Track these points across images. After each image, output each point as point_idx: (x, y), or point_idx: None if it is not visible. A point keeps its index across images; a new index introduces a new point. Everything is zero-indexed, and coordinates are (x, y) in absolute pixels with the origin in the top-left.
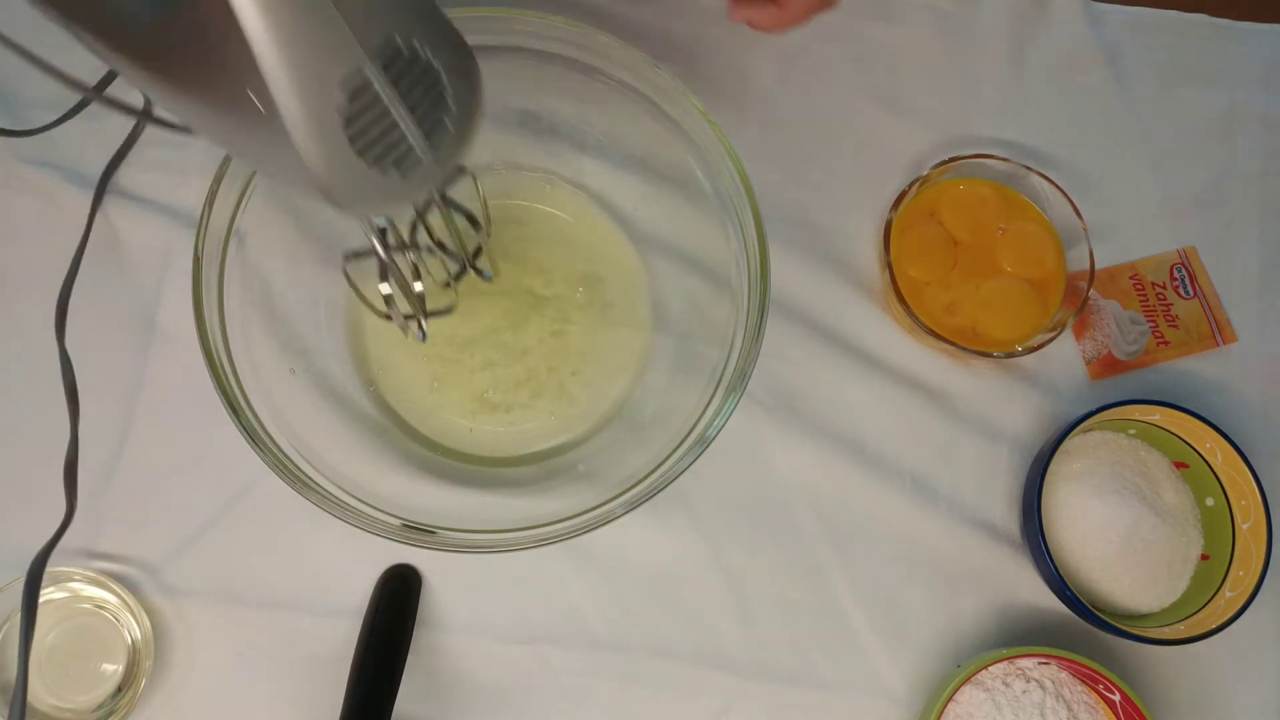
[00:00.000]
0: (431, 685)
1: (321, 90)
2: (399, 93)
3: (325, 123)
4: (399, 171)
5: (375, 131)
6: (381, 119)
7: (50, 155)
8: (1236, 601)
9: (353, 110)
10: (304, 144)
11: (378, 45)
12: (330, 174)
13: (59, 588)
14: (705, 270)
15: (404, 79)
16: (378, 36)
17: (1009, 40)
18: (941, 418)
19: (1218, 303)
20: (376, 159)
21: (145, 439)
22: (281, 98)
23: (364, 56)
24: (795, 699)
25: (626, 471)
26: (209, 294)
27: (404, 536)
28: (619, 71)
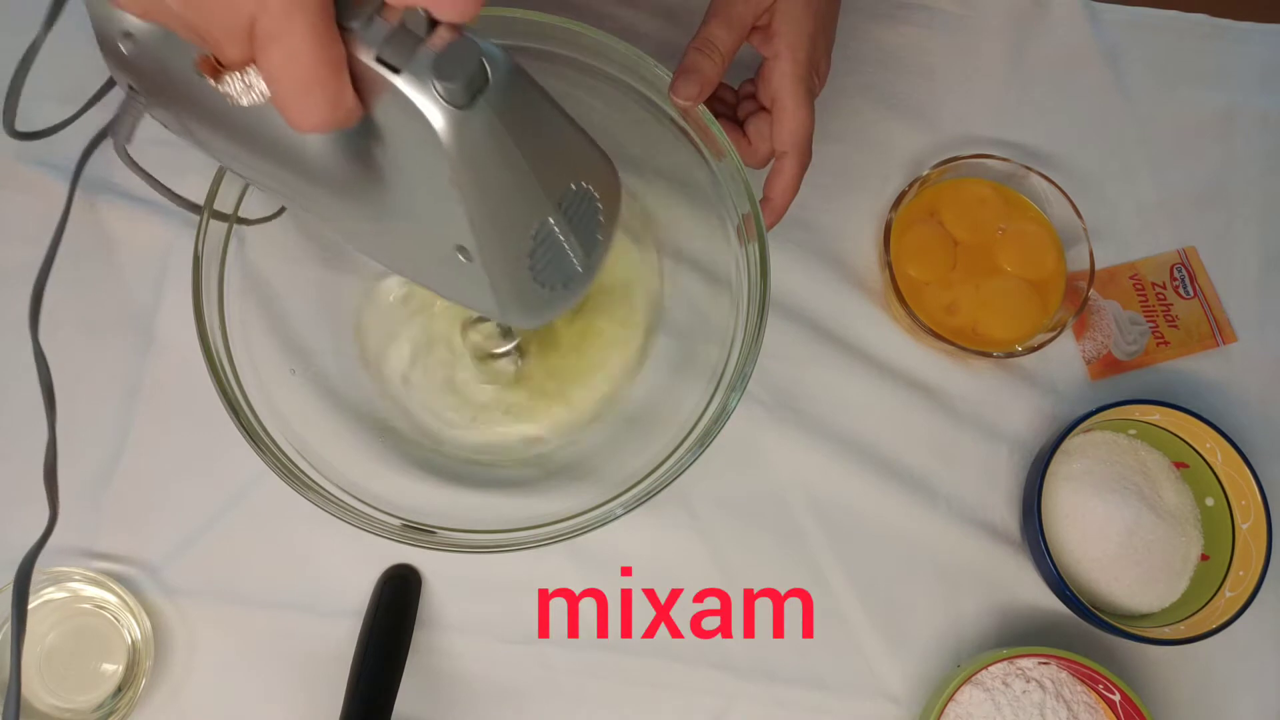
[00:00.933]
0: (431, 685)
1: (518, 241)
2: (570, 227)
3: (515, 264)
4: (564, 288)
5: (551, 261)
6: (556, 250)
7: (50, 155)
8: (1236, 601)
9: (536, 249)
10: (496, 282)
11: (558, 196)
12: (512, 301)
13: (59, 588)
14: (705, 270)
15: (573, 214)
16: (559, 189)
17: (1009, 40)
18: (941, 418)
19: (1218, 303)
20: (549, 282)
21: (145, 439)
22: (484, 251)
23: (550, 209)
24: (795, 699)
25: (626, 471)
26: (209, 294)
27: (404, 536)
28: (619, 71)
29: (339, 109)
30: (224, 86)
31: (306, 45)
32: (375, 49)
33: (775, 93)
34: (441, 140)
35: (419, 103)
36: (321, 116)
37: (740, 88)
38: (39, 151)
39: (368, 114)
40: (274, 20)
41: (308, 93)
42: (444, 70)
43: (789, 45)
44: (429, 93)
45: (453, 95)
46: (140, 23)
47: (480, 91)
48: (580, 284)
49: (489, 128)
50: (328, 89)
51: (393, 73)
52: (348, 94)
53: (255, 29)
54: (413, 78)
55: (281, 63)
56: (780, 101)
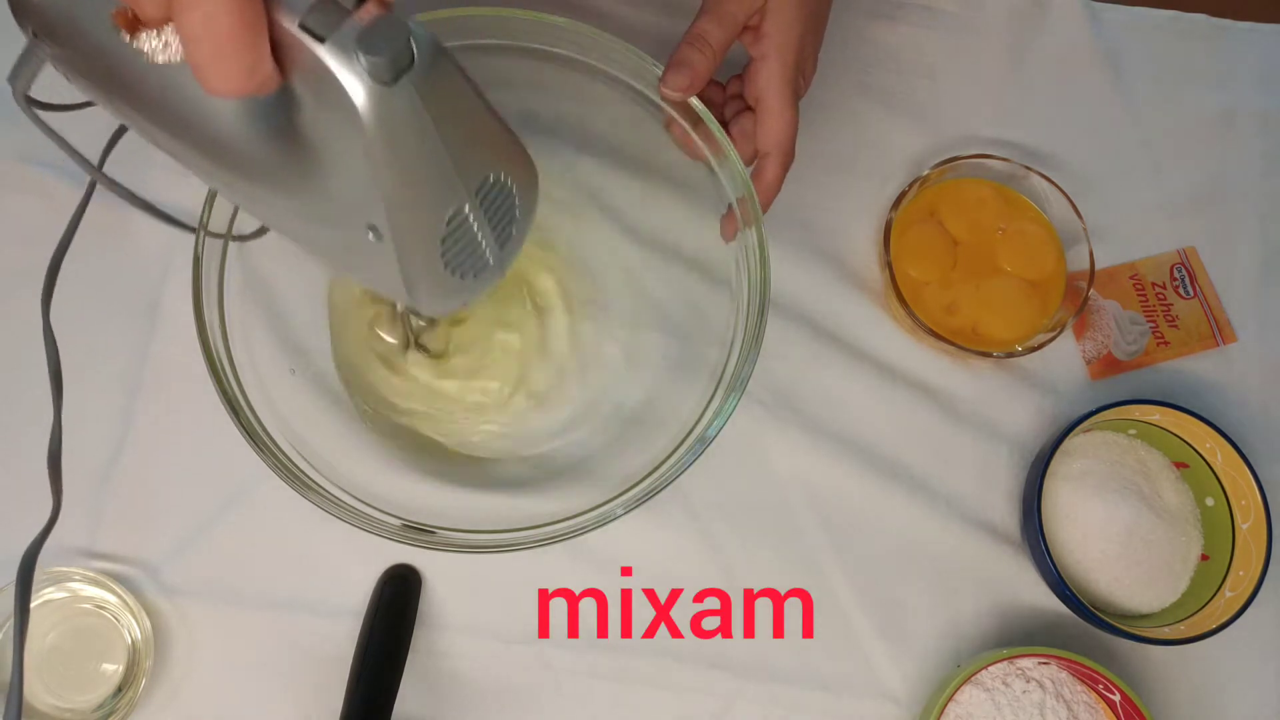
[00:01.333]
0: (431, 685)
1: (430, 225)
2: (486, 218)
3: (427, 248)
4: (475, 278)
5: (463, 250)
6: (470, 239)
7: (50, 155)
8: (1236, 601)
9: (448, 236)
10: (406, 265)
11: (475, 185)
12: (422, 287)
13: (59, 588)
14: (705, 270)
15: (489, 205)
16: (477, 178)
17: (1009, 40)
18: (941, 418)
19: (1218, 303)
20: (460, 270)
21: (145, 439)
22: (396, 232)
23: (466, 197)
24: (795, 699)
25: (626, 471)
26: (209, 294)
27: (404, 536)
28: (619, 71)
29: (255, 75)
30: (139, 43)
31: (226, 6)
32: (299, 16)
33: (761, 93)
34: (361, 115)
35: (340, 75)
36: (237, 81)
37: (727, 85)
38: (40, 152)
39: (285, 83)
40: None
41: (223, 55)
42: (370, 44)
43: (777, 47)
44: (352, 65)
45: (377, 70)
46: None
47: (405, 70)
48: (491, 276)
49: (410, 106)
50: (245, 53)
51: (316, 41)
52: (265, 60)
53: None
54: (336, 48)
55: (199, 22)
56: (766, 103)
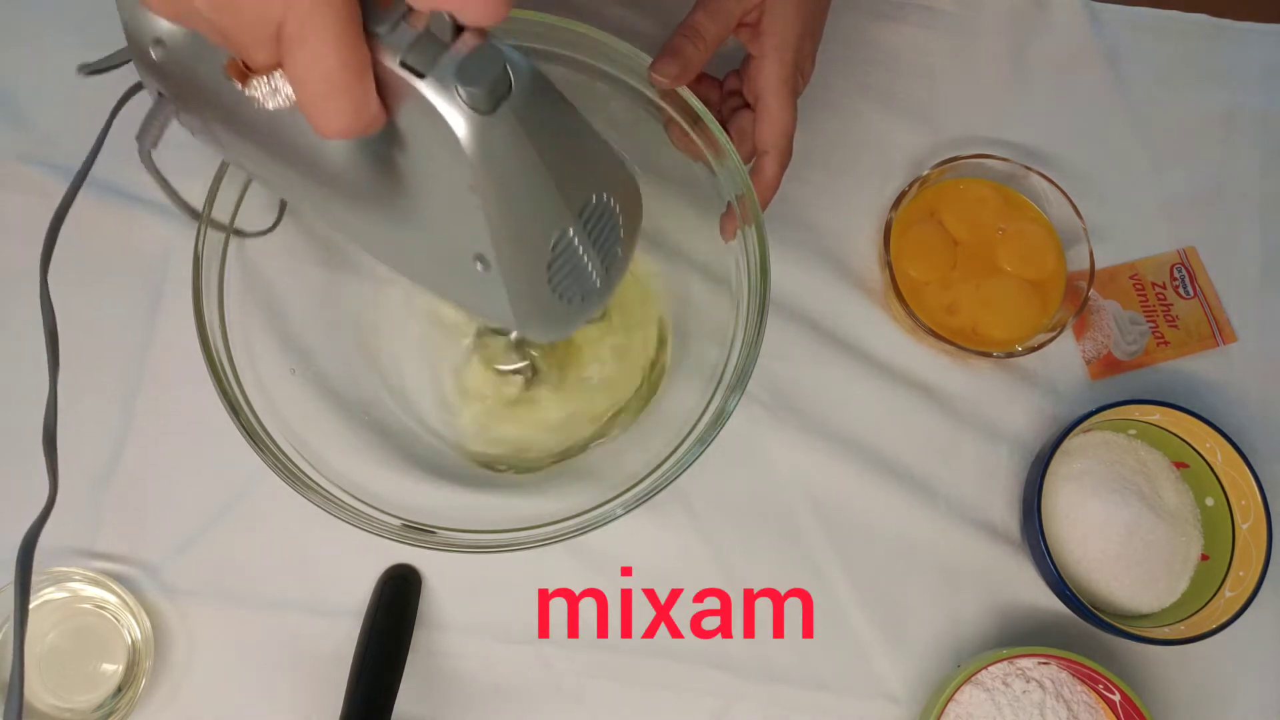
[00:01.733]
0: (431, 685)
1: (537, 252)
2: (590, 240)
3: (534, 275)
4: (582, 301)
5: (570, 274)
6: (576, 263)
7: (50, 155)
8: (1236, 601)
9: (554, 260)
10: (515, 294)
11: (579, 207)
12: (530, 313)
13: (59, 588)
14: (705, 270)
15: (593, 226)
16: (580, 200)
17: (1009, 40)
18: (941, 418)
19: (1218, 303)
20: (568, 296)
21: (145, 439)
22: (503, 261)
23: (571, 219)
24: (795, 699)
25: (626, 471)
26: (209, 294)
27: (404, 536)
28: (619, 71)
29: (363, 114)
30: (250, 90)
31: (331, 49)
32: (400, 54)
33: (760, 92)
34: (463, 146)
35: (441, 108)
36: (345, 121)
37: (724, 83)
38: (40, 152)
39: (391, 120)
40: (300, 24)
41: (332, 97)
42: (468, 75)
43: (776, 46)
44: (452, 98)
45: (476, 100)
46: (171, 28)
47: (504, 98)
48: (598, 298)
49: (512, 134)
50: (352, 94)
51: (417, 78)
52: (372, 99)
53: (282, 33)
54: (436, 83)
55: (307, 66)
56: (764, 101)
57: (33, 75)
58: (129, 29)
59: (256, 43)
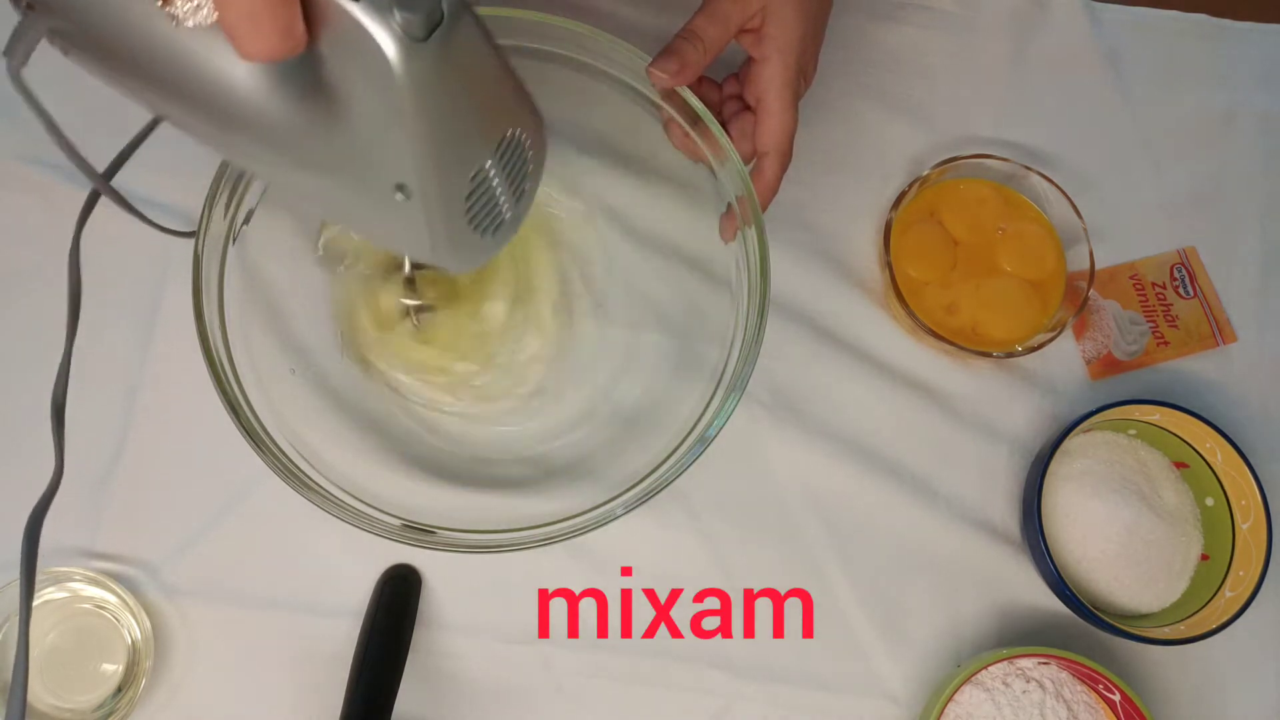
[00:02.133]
0: (431, 685)
1: (457, 182)
2: (505, 174)
3: (452, 206)
4: (494, 234)
5: (485, 206)
6: (490, 196)
7: (50, 155)
8: (1236, 601)
9: (473, 193)
10: (433, 223)
11: (496, 141)
12: (447, 244)
13: (59, 588)
14: (705, 270)
15: (508, 161)
16: (497, 134)
17: (1009, 40)
18: (941, 418)
19: (1218, 303)
20: (481, 227)
21: (145, 439)
22: (424, 190)
23: (489, 153)
24: (795, 699)
25: (626, 471)
26: (209, 294)
27: (404, 536)
28: (619, 71)
29: (290, 36)
30: (169, 7)
31: None
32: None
33: (761, 94)
34: (395, 72)
35: (375, 32)
36: (271, 43)
37: (724, 85)
38: (40, 152)
39: (313, 46)
40: None
41: (259, 16)
42: (405, 1)
43: (779, 49)
44: (387, 23)
45: (411, 26)
46: None
47: (436, 25)
48: (507, 232)
49: (441, 63)
50: (279, 12)
51: (351, 1)
52: (299, 20)
53: None
54: (370, 7)
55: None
56: (766, 103)
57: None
58: None
59: None
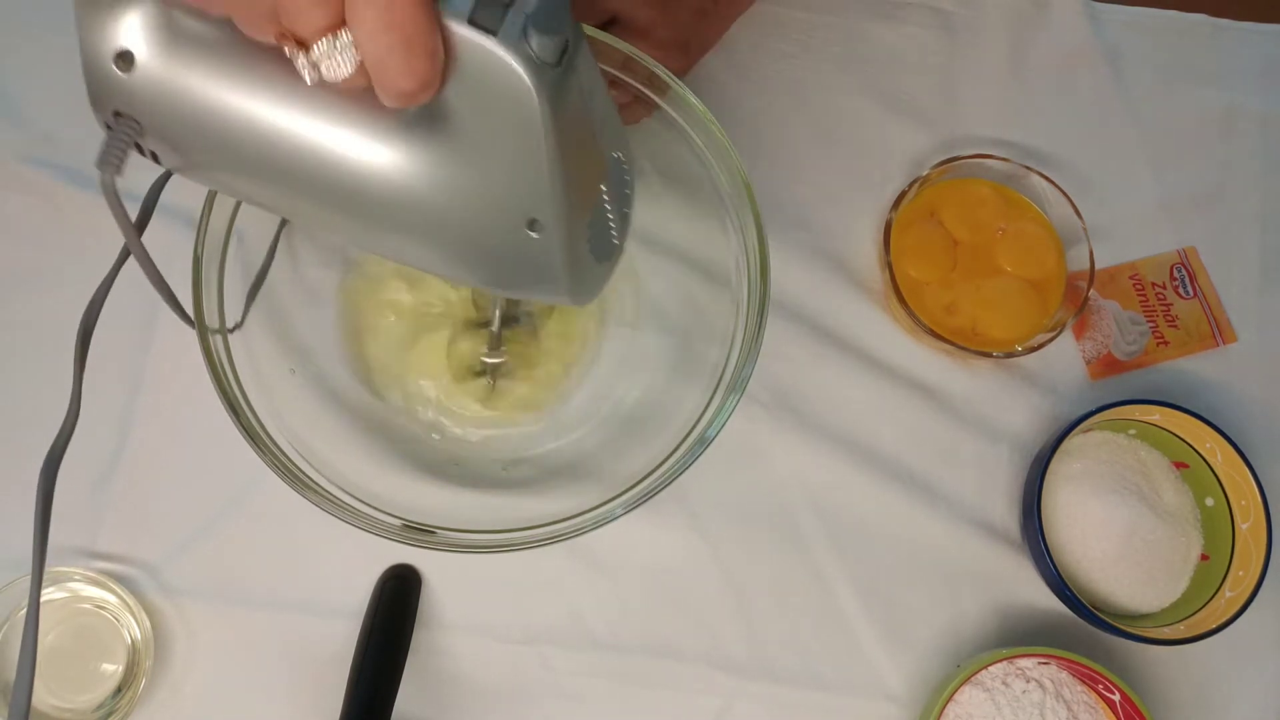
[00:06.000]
0: (431, 685)
1: (585, 208)
2: (613, 198)
3: (580, 234)
4: (609, 261)
5: (600, 232)
6: (604, 221)
7: (50, 155)
8: (1236, 601)
9: (593, 219)
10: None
11: (609, 164)
12: (577, 277)
13: (59, 588)
14: (705, 270)
15: (615, 183)
16: (610, 157)
17: (1009, 40)
18: (941, 418)
19: (1218, 303)
20: (600, 255)
21: (145, 439)
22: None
23: (606, 175)
24: (795, 699)
25: (626, 471)
26: (209, 294)
27: (404, 536)
28: (618, 71)
29: (435, 67)
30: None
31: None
32: (466, 13)
33: None
34: (534, 98)
35: (515, 63)
36: (420, 75)
37: None
38: (40, 152)
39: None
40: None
41: (408, 47)
42: (540, 27)
43: None
44: (524, 52)
45: (546, 52)
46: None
47: (565, 50)
48: (616, 257)
49: (572, 88)
50: (428, 42)
51: (487, 35)
52: (441, 52)
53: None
54: (507, 38)
55: (382, 16)
56: None
57: (33, 75)
58: (87, 41)
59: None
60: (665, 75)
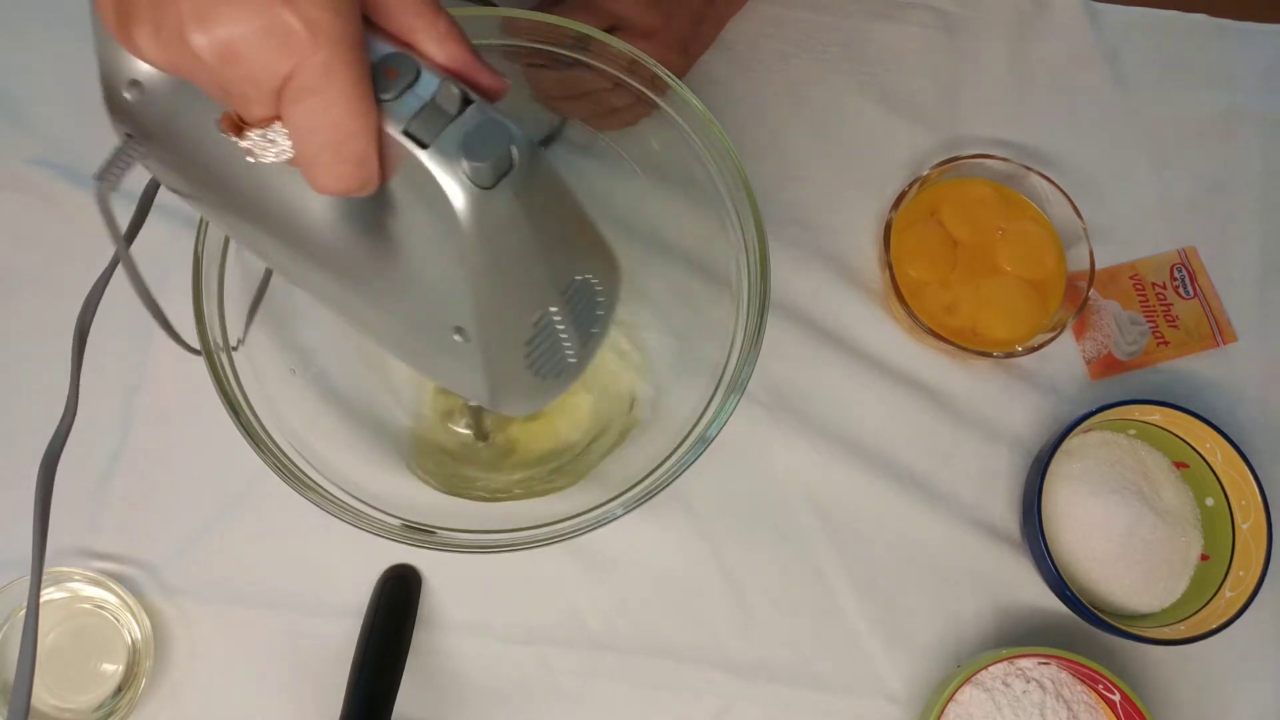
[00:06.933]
0: (431, 685)
1: (518, 328)
2: (571, 317)
3: (512, 351)
4: (556, 378)
5: (547, 351)
6: (553, 340)
7: (50, 155)
8: (1236, 601)
9: (534, 338)
10: (491, 368)
11: (563, 286)
12: (505, 389)
13: (59, 588)
14: (705, 270)
15: (574, 304)
16: (565, 279)
17: (1009, 40)
18: (941, 418)
19: (1218, 303)
20: (542, 372)
21: (145, 439)
22: (483, 335)
23: (555, 298)
24: (795, 699)
25: (626, 471)
26: (209, 294)
27: (404, 536)
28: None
29: (364, 171)
30: (246, 143)
31: (341, 100)
32: (403, 123)
33: None
34: (460, 219)
35: (442, 180)
36: (346, 177)
37: None
38: (40, 152)
39: (384, 186)
40: (313, 74)
41: (336, 150)
42: (473, 150)
43: None
44: (454, 171)
45: (479, 176)
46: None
47: (505, 174)
48: (572, 375)
49: (508, 212)
50: (357, 147)
51: (420, 147)
52: (374, 157)
53: (289, 84)
54: (439, 154)
55: (314, 116)
56: None
57: (33, 75)
58: (104, 66)
59: (259, 95)
60: (667, 77)
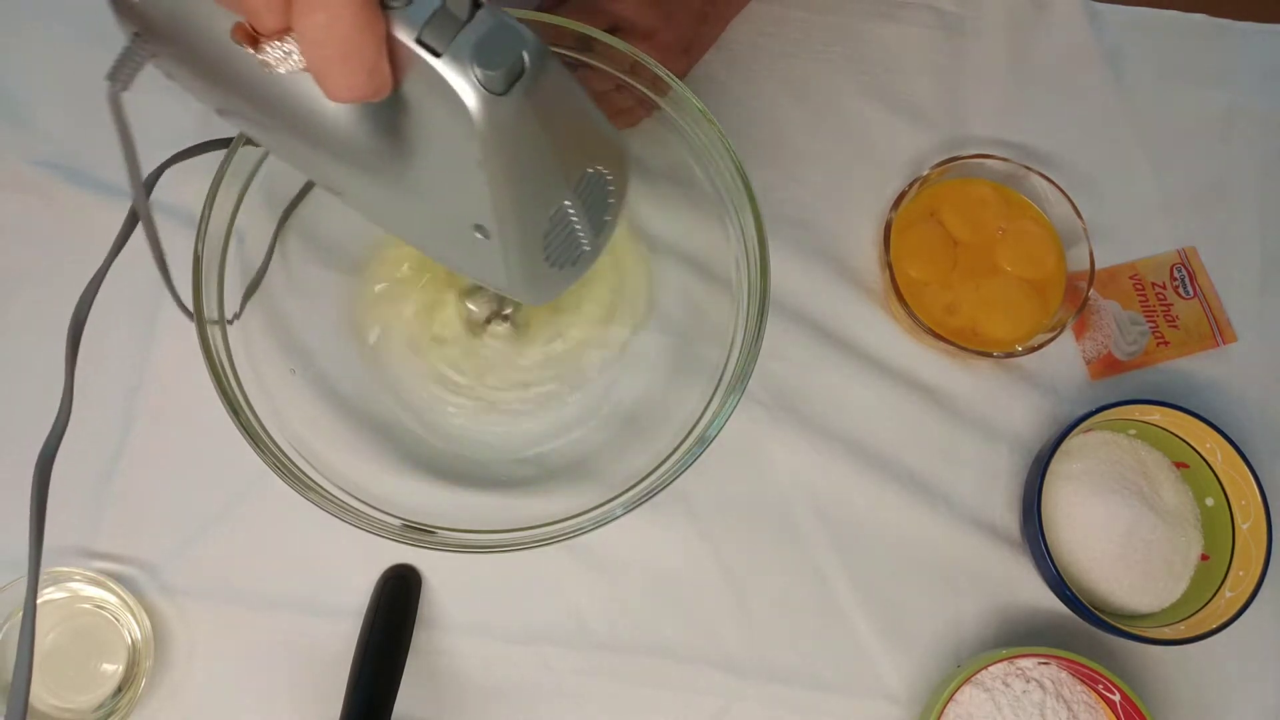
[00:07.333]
0: (431, 685)
1: (535, 224)
2: (584, 209)
3: (530, 244)
4: (573, 266)
5: (563, 242)
6: (569, 232)
7: (50, 155)
8: (1236, 601)
9: (551, 231)
10: (511, 262)
11: (576, 180)
12: (523, 279)
13: (59, 588)
14: (705, 270)
15: (587, 196)
16: (577, 174)
17: (1009, 40)
18: (941, 418)
19: (1218, 303)
20: (559, 261)
21: (145, 439)
22: (502, 232)
23: (568, 192)
24: (795, 699)
25: (626, 471)
26: (209, 294)
27: (404, 536)
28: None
29: (374, 79)
30: (262, 55)
31: (349, 16)
32: (415, 30)
33: None
34: (475, 124)
35: (457, 86)
36: (357, 86)
37: None
38: (40, 152)
39: (398, 90)
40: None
41: (345, 60)
42: (484, 57)
43: None
44: (468, 77)
45: (491, 82)
46: None
47: (516, 78)
48: (586, 262)
49: (521, 114)
50: (366, 57)
51: (433, 55)
52: (384, 65)
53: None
54: (452, 61)
55: (323, 28)
56: None
57: (33, 75)
58: None
59: (269, 6)
60: (668, 77)
